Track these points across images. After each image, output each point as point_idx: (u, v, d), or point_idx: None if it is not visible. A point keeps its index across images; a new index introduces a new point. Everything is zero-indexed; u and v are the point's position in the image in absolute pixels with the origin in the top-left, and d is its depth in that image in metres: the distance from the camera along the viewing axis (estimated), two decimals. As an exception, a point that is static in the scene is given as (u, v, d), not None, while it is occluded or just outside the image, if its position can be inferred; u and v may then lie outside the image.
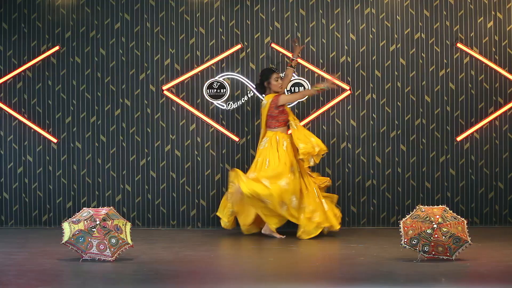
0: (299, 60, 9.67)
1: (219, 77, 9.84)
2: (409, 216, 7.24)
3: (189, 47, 9.90)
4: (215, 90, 9.84)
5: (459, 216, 7.28)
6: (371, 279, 6.43)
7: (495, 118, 9.83)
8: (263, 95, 9.37)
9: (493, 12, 9.84)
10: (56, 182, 9.92)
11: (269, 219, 8.94)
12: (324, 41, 9.86)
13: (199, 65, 9.87)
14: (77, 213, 7.41)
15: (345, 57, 9.86)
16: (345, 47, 9.86)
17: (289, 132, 9.21)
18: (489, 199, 9.86)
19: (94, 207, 9.19)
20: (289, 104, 9.51)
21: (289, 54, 9.73)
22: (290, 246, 8.39)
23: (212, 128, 9.87)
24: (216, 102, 9.88)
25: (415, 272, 6.64)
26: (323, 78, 9.59)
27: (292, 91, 9.76)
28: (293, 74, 9.54)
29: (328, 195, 9.25)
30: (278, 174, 8.91)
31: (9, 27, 9.95)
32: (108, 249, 7.17)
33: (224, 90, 9.83)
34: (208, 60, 9.87)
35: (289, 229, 9.09)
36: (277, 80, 9.17)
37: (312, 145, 8.98)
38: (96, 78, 9.92)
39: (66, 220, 7.41)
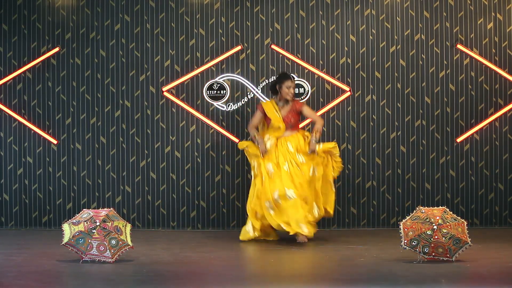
0: (299, 61, 9.69)
1: (219, 79, 9.84)
2: (409, 217, 7.24)
3: (189, 49, 9.90)
4: (215, 91, 9.84)
5: (459, 217, 7.27)
6: (371, 281, 6.43)
7: (495, 119, 9.83)
8: (273, 97, 9.13)
9: (493, 14, 9.84)
10: (56, 183, 9.92)
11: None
12: (324, 43, 9.86)
13: (199, 66, 9.87)
14: (77, 214, 7.41)
15: (345, 59, 9.86)
16: (345, 48, 9.86)
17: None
18: (489, 200, 9.86)
19: (94, 208, 9.18)
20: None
21: (289, 56, 9.75)
22: (290, 247, 8.39)
23: (212, 130, 9.87)
24: (216, 104, 9.88)
25: (415, 273, 6.64)
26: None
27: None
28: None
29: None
30: None
31: (9, 28, 9.95)
32: (108, 250, 7.17)
33: (224, 91, 9.83)
34: (208, 62, 9.87)
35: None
36: (288, 88, 8.91)
37: None
38: (96, 79, 9.92)
39: (66, 222, 7.41)
